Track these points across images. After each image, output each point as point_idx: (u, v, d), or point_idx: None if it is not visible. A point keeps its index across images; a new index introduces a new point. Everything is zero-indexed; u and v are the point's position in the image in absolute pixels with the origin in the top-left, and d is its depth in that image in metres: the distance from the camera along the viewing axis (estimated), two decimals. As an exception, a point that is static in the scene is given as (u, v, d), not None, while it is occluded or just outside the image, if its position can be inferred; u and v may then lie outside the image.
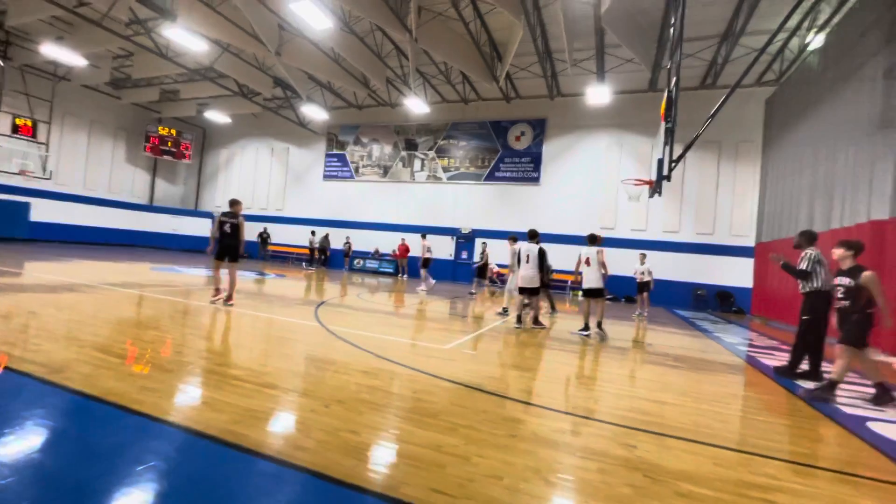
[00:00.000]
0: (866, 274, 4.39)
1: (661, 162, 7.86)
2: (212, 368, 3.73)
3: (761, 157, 15.02)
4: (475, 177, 19.36)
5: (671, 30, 9.20)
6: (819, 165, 10.04)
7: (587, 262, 7.53)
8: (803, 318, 5.16)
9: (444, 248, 19.81)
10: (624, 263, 14.32)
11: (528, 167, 18.43)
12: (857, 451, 3.16)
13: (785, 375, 5.30)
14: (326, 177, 22.69)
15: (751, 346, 8.11)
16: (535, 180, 18.30)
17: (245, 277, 12.74)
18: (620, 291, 15.98)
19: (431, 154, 20.30)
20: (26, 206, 19.23)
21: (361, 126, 21.82)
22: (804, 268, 5.10)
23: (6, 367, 3.25)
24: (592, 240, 7.75)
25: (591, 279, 7.48)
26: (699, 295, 15.63)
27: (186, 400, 3.05)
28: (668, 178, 7.67)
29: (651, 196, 8.95)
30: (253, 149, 24.86)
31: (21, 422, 2.44)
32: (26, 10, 14.29)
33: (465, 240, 19.46)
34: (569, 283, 17.42)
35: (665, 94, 8.03)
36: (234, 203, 7.54)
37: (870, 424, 3.70)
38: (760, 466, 2.73)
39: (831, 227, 9.27)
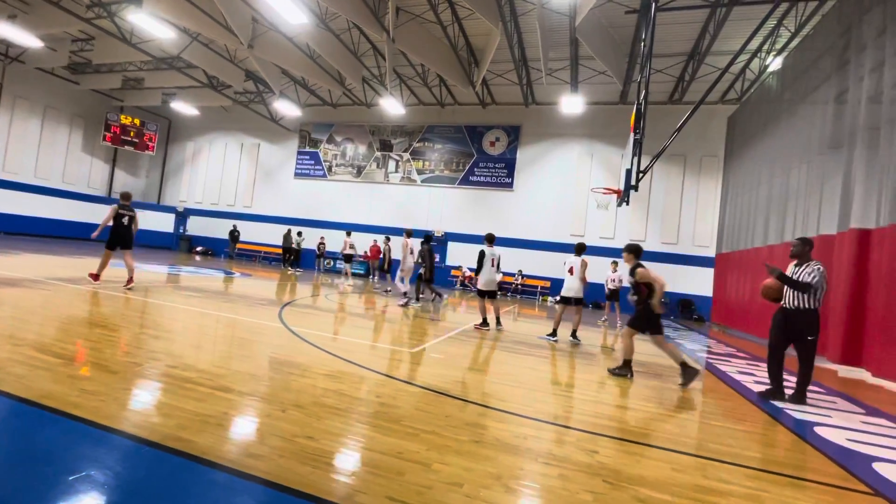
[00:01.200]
0: (639, 270, 5.38)
1: (629, 172, 8.08)
2: (163, 370, 3.53)
3: (723, 171, 15.68)
4: (449, 180, 19.38)
5: (642, 45, 9.51)
6: (775, 181, 10.56)
7: (570, 271, 7.57)
8: (810, 338, 4.58)
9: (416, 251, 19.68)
10: (592, 270, 14.58)
11: (501, 173, 18.60)
12: (805, 456, 3.29)
13: (772, 399, 4.78)
14: (298, 175, 22.21)
15: (710, 352, 8.40)
16: (509, 186, 18.49)
17: (210, 276, 12.27)
18: (589, 298, 16.27)
19: (406, 156, 20.20)
20: (-31, 194, 17.92)
21: (336, 125, 21.50)
22: (810, 281, 4.52)
23: (-73, 368, 2.97)
24: (580, 249, 7.80)
25: (573, 288, 7.54)
26: (662, 303, 16.11)
27: (131, 404, 2.86)
28: (636, 188, 7.89)
29: (619, 205, 9.19)
30: (221, 143, 24.08)
31: (-62, 428, 2.22)
32: (-25, -15, 13.37)
33: (438, 243, 19.43)
34: (538, 287, 17.64)
35: (635, 107, 8.26)
36: (127, 196, 8.08)
37: (818, 430, 3.87)
38: (715, 471, 2.79)
39: (784, 241, 9.75)
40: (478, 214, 18.93)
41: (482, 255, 7.97)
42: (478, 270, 8.06)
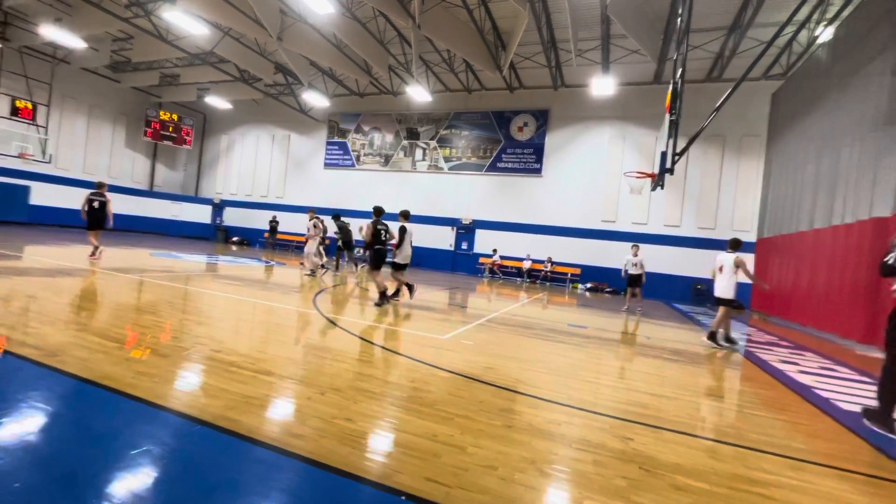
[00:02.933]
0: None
1: (664, 155, 7.80)
2: (209, 354, 3.72)
3: (765, 151, 14.90)
4: (477, 167, 19.24)
5: (678, 21, 9.07)
6: (823, 160, 9.95)
7: (720, 269, 6.97)
8: None
9: (444, 239, 19.79)
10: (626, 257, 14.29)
11: (530, 158, 18.31)
12: (852, 447, 3.16)
13: (878, 422, 3.57)
14: (327, 165, 22.56)
15: (750, 341, 8.11)
16: (538, 172, 18.20)
17: (246, 265, 12.73)
18: (622, 285, 15.95)
19: (433, 144, 20.16)
20: (26, 189, 19.16)
21: (363, 114, 21.64)
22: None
23: (4, 351, 3.24)
24: (735, 245, 7.07)
25: (723, 287, 6.93)
26: (699, 290, 15.62)
27: (182, 385, 3.04)
28: (671, 171, 7.61)
29: (653, 189, 8.90)
30: (254, 136, 24.70)
31: (15, 404, 2.43)
32: (24, -10, 14.09)
33: (465, 230, 19.42)
34: (568, 275, 17.41)
35: (670, 87, 7.93)
36: (100, 185, 9.63)
37: (866, 421, 3.69)
38: (756, 461, 2.72)
39: (832, 224, 9.22)
40: (505, 201, 18.76)
41: (404, 230, 7.99)
42: (399, 245, 8.07)
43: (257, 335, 4.90)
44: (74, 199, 21.23)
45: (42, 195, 19.66)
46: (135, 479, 1.88)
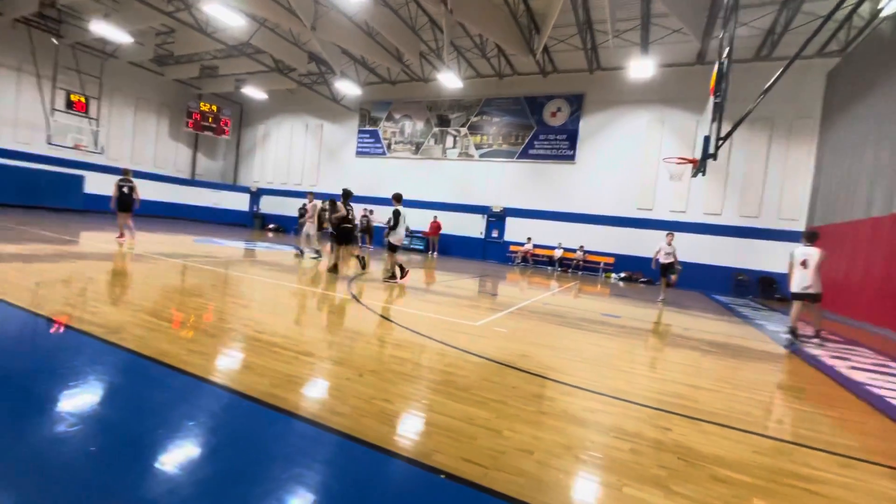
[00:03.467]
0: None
1: (707, 139, 7.47)
2: (252, 335, 3.90)
3: (818, 135, 13.98)
4: (508, 154, 19.00)
5: (726, -4, 8.57)
6: (883, 143, 9.26)
7: (803, 264, 6.66)
8: None
9: (474, 227, 19.74)
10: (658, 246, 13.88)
11: (563, 145, 17.90)
12: (909, 447, 3.00)
13: None
14: (359, 153, 22.83)
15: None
16: (571, 158, 17.79)
17: (283, 251, 13.15)
18: (657, 275, 15.51)
19: (464, 131, 20.02)
20: (81, 178, 20.38)
21: (394, 102, 21.69)
22: None
23: (69, 327, 3.52)
24: (811, 237, 6.83)
25: (813, 282, 6.62)
26: (740, 280, 14.98)
27: (230, 363, 3.22)
28: (715, 156, 7.29)
29: (694, 175, 8.55)
30: (288, 125, 25.24)
31: (86, 377, 2.64)
32: (76, -12, 14.79)
33: (497, 218, 19.30)
34: (601, 264, 17.06)
35: (715, 67, 7.55)
36: (126, 172, 10.91)
37: (925, 420, 3.49)
38: (802, 456, 2.63)
39: (893, 211, 8.61)
40: (537, 188, 18.47)
41: (398, 213, 8.23)
42: (394, 227, 8.34)
43: (296, 318, 5.08)
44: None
45: (95, 184, 20.86)
46: (191, 448, 2.02)
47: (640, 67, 13.55)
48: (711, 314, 9.42)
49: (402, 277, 8.54)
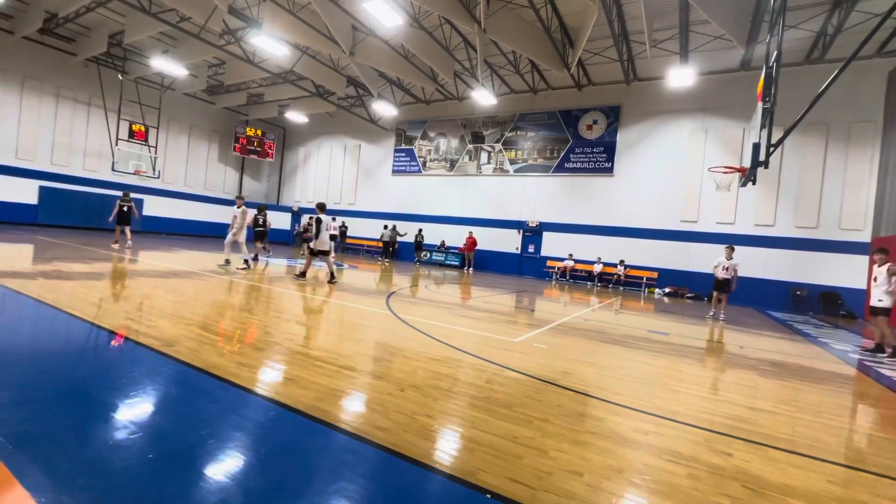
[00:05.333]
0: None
1: (756, 147, 7.13)
2: (296, 349, 3.99)
3: (882, 139, 13.05)
4: (543, 168, 18.86)
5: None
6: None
7: (874, 279, 6.82)
8: None
9: (510, 242, 19.59)
10: (710, 260, 13.28)
11: (600, 157, 17.59)
12: None
13: None
14: (395, 171, 23.33)
15: (865, 353, 7.11)
16: (609, 171, 17.43)
17: (323, 267, 13.51)
18: (704, 290, 14.78)
19: (498, 147, 20.09)
20: (140, 201, 21.89)
21: (429, 120, 22.12)
22: None
23: (130, 339, 3.72)
24: (883, 250, 6.85)
25: (881, 295, 6.73)
26: (798, 295, 14.01)
27: (276, 376, 3.29)
28: (766, 164, 6.93)
29: (743, 185, 8.17)
30: (328, 146, 26.22)
31: (145, 386, 2.78)
32: (139, 28, 16.17)
33: (533, 233, 19.08)
34: (643, 279, 16.44)
35: (763, 72, 7.24)
36: (126, 194, 12.63)
37: None
38: (886, 489, 2.37)
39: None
40: (574, 202, 18.17)
41: (319, 221, 8.99)
42: (316, 235, 9.03)
43: (337, 332, 5.16)
44: (179, 210, 23.98)
45: (152, 207, 22.36)
46: (240, 459, 2.06)
47: (680, 76, 13.21)
48: (768, 331, 8.82)
49: (330, 281, 9.27)
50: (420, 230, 21.37)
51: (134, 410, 2.44)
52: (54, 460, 1.85)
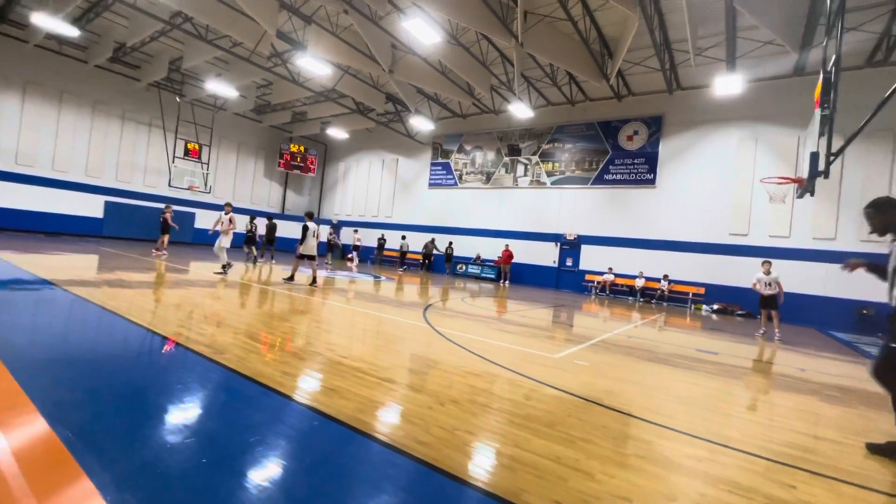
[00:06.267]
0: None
1: (814, 156, 6.70)
2: (338, 360, 4.06)
3: (958, 145, 11.98)
4: (582, 180, 18.53)
5: (828, 1, 7.85)
6: None
7: None
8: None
9: (547, 255, 19.29)
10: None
11: (642, 168, 17.10)
12: None
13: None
14: (431, 184, 23.61)
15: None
16: (651, 182, 16.90)
17: (362, 279, 13.78)
18: (756, 308, 13.92)
19: (535, 159, 19.95)
20: (192, 215, 23.22)
21: (465, 134, 22.31)
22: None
23: (184, 346, 3.92)
24: None
25: None
26: (864, 315, 12.93)
27: (318, 386, 3.36)
28: (826, 174, 6.50)
29: (800, 196, 7.70)
30: (366, 161, 26.93)
31: (197, 392, 2.91)
32: (196, 54, 17.35)
33: (571, 246, 18.71)
34: (689, 294, 15.70)
35: (820, 77, 6.84)
36: (167, 206, 14.20)
37: None
38: (983, 536, 2.12)
39: None
40: (614, 215, 17.70)
41: (306, 228, 9.77)
42: (302, 241, 9.78)
43: (375, 344, 5.23)
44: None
45: (203, 220, 23.63)
46: (288, 466, 2.10)
47: (728, 84, 12.70)
48: (830, 353, 8.18)
49: (312, 284, 9.86)
50: (450, 243, 21.46)
51: (187, 415, 2.55)
52: (116, 459, 1.96)
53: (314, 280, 9.98)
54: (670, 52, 14.05)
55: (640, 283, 16.46)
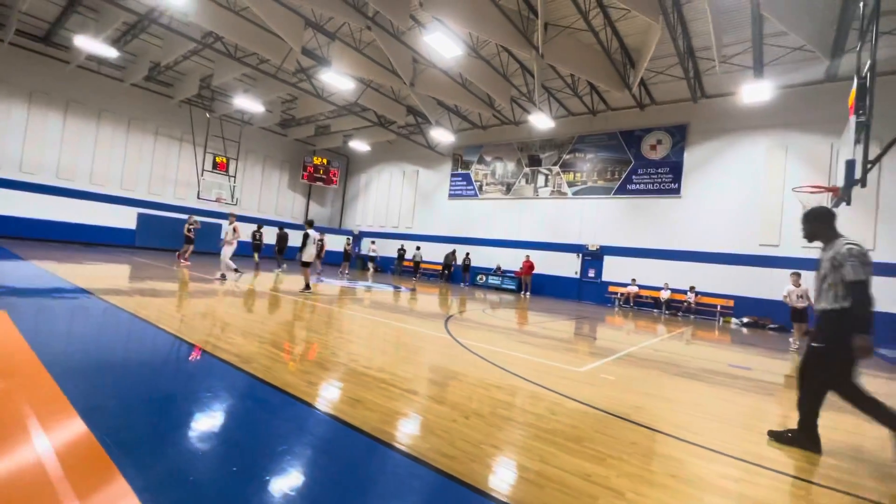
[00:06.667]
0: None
1: (850, 164, 6.47)
2: (361, 370, 4.08)
3: None
4: (604, 191, 18.31)
5: (860, 5, 7.63)
6: None
7: None
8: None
9: (569, 266, 19.04)
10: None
11: (666, 178, 16.80)
12: None
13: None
14: (452, 195, 23.71)
15: None
16: (675, 192, 16.57)
17: (382, 289, 13.88)
18: (789, 321, 13.38)
19: (556, 169, 19.84)
20: (219, 226, 23.88)
21: (485, 145, 22.39)
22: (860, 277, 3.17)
23: (211, 354, 4.01)
24: None
25: None
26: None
27: (343, 396, 3.38)
28: (863, 182, 6.26)
29: (836, 206, 7.41)
30: (388, 173, 27.28)
31: (226, 400, 2.96)
32: (226, 71, 18.01)
33: (593, 257, 18.44)
34: (717, 307, 15.22)
35: (855, 83, 6.63)
36: (192, 218, 14.85)
37: None
38: None
39: None
40: (637, 225, 17.39)
41: (306, 236, 10.20)
42: (302, 248, 10.19)
43: (398, 355, 5.23)
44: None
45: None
46: (315, 476, 2.11)
47: (755, 92, 12.45)
48: (873, 370, 7.77)
49: (303, 290, 10.09)
50: (468, 253, 21.47)
51: (217, 422, 2.60)
52: (151, 464, 2.01)
53: (307, 286, 10.20)
54: (694, 60, 13.86)
55: (665, 294, 16.06)
